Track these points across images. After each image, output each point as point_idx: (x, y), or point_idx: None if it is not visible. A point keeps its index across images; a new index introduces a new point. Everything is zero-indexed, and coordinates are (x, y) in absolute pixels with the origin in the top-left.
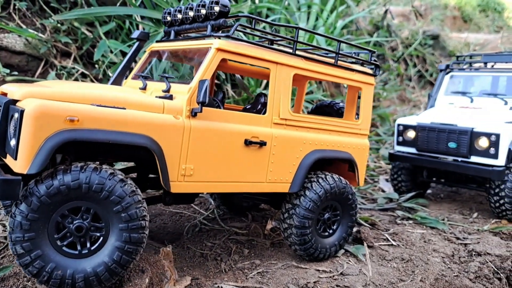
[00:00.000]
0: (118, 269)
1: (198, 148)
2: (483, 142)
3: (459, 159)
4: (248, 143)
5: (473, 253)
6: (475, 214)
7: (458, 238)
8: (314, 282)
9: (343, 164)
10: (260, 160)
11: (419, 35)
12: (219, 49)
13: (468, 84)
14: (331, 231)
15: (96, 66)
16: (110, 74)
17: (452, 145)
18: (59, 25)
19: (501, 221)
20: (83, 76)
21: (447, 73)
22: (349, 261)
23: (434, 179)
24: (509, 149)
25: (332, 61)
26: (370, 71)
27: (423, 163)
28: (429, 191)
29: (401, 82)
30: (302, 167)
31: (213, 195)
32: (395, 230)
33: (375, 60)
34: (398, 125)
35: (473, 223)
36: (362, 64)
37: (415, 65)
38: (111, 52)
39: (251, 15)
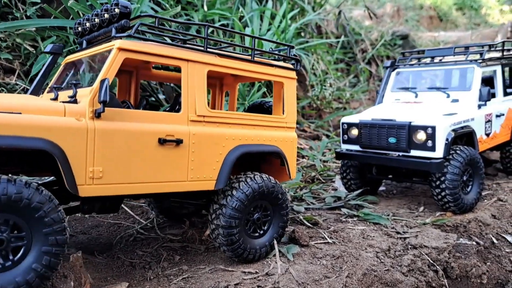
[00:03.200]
0: (48, 272)
1: (106, 149)
2: (420, 136)
3: (400, 153)
4: (162, 141)
5: (409, 246)
6: (421, 208)
7: (398, 233)
8: (236, 284)
9: (275, 160)
10: (179, 158)
11: (388, 36)
12: (120, 49)
13: (417, 79)
14: (261, 232)
15: None
16: None
17: (392, 140)
18: (0, 42)
19: (445, 214)
20: (27, 92)
21: (393, 70)
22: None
23: (383, 175)
24: (447, 140)
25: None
26: (291, 66)
27: (366, 160)
28: (382, 188)
29: (372, 83)
30: (226, 163)
31: (150, 204)
32: (336, 228)
33: (294, 55)
34: (343, 123)
35: (418, 217)
36: (284, 60)
37: None
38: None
39: (154, 15)
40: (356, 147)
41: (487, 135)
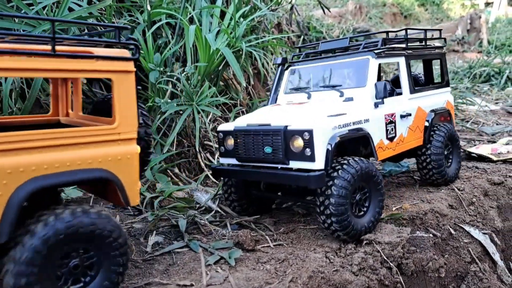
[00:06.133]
0: None
1: None
2: (297, 142)
3: (279, 166)
4: None
5: (361, 243)
6: None
7: None
8: None
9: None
10: None
11: (349, 33)
12: None
13: (313, 77)
14: (89, 278)
15: None
16: None
17: (268, 150)
18: None
19: (402, 207)
20: None
21: (287, 68)
22: (218, 269)
23: (273, 192)
24: (329, 146)
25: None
26: (127, 54)
27: (243, 176)
28: None
29: None
30: (10, 208)
31: None
32: (286, 229)
33: (132, 39)
34: (218, 132)
35: None
36: (125, 47)
37: None
38: None
39: None
40: (234, 161)
41: (390, 139)
